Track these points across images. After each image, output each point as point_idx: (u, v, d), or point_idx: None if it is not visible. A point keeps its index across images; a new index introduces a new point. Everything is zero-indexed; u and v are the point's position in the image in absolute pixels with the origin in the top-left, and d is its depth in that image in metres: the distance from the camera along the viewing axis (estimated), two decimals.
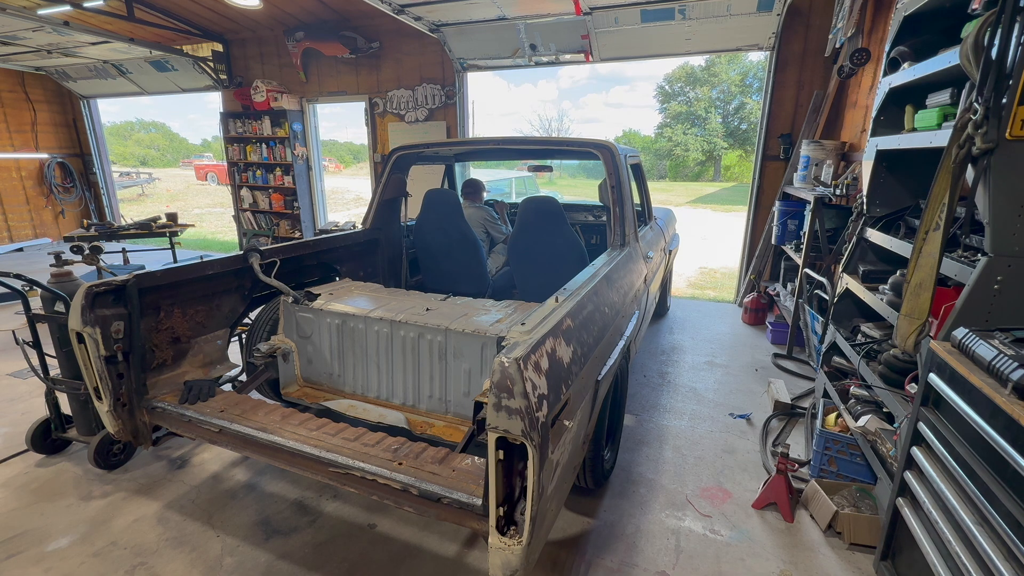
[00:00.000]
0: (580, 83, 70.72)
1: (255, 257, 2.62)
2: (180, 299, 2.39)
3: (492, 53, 5.96)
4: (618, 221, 2.89)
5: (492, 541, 1.46)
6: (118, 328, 2.09)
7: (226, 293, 2.61)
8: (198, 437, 2.12)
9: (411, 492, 1.68)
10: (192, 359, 2.46)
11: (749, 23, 4.90)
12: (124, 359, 2.12)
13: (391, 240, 3.75)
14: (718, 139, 31.30)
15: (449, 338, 2.33)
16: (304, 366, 2.73)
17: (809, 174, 4.37)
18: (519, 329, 1.57)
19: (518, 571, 1.46)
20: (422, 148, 3.54)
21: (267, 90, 7.02)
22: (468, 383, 2.35)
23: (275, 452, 1.95)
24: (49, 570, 2.02)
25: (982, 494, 1.37)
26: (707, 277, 7.81)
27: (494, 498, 1.43)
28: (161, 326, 2.32)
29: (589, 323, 1.91)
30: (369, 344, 2.53)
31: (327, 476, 1.85)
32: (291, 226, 7.75)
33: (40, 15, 5.55)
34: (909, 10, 2.37)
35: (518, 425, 1.33)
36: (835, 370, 2.92)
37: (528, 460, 1.37)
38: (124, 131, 41.10)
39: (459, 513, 1.63)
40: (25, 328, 4.56)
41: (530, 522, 1.42)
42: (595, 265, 2.44)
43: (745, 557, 2.10)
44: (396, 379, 2.52)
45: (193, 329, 2.46)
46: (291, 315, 2.70)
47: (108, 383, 2.07)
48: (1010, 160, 1.63)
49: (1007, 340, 1.43)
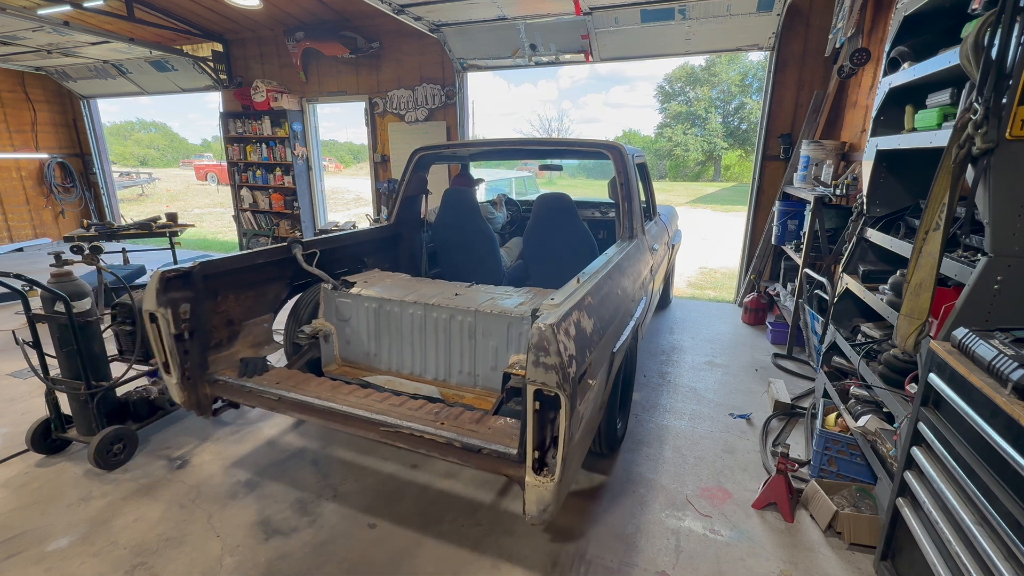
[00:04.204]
0: (580, 83, 70.77)
1: (298, 248, 2.87)
2: (234, 285, 2.61)
3: (492, 53, 5.96)
4: (626, 215, 3.11)
5: (528, 480, 1.73)
6: (185, 309, 2.33)
7: (271, 281, 2.84)
8: (259, 405, 2.34)
9: (454, 445, 1.92)
10: (243, 340, 2.70)
11: (749, 23, 4.90)
12: (189, 337, 2.36)
13: (412, 235, 3.95)
14: (718, 139, 31.28)
15: (478, 319, 2.57)
16: (343, 347, 2.98)
17: (809, 174, 4.37)
18: (550, 302, 1.83)
19: (549, 506, 1.72)
20: (442, 148, 3.73)
21: (267, 90, 7.02)
22: (495, 358, 2.59)
23: (331, 416, 2.17)
24: (49, 570, 2.02)
25: (982, 494, 1.37)
26: (707, 277, 7.81)
27: (531, 442, 1.70)
28: (218, 309, 2.55)
29: (606, 302, 2.15)
30: (404, 325, 2.78)
31: (378, 435, 2.05)
32: (291, 226, 7.75)
33: (40, 15, 5.55)
34: (909, 10, 2.37)
35: (553, 378, 1.58)
36: (835, 370, 2.91)
37: (560, 409, 1.62)
38: (124, 131, 41.09)
39: (496, 462, 1.86)
40: (25, 328, 4.56)
41: (561, 462, 1.68)
42: (607, 254, 2.66)
43: (745, 557, 2.10)
44: (429, 356, 2.77)
45: (244, 313, 2.69)
46: (331, 300, 2.95)
47: (176, 358, 2.33)
48: (1010, 160, 1.63)
49: (1007, 340, 1.43)
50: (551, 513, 1.77)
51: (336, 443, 2.91)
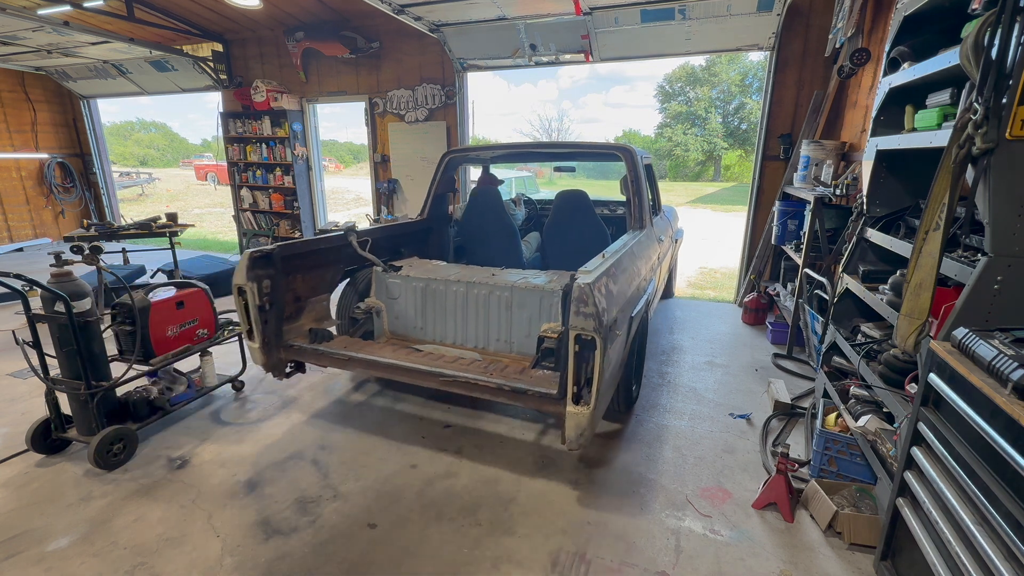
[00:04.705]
0: (580, 83, 70.77)
1: (353, 235, 3.31)
2: (302, 267, 3.03)
3: (492, 53, 5.96)
4: (636, 208, 3.51)
5: (569, 410, 2.15)
6: (266, 285, 2.75)
7: (330, 264, 3.26)
8: (330, 365, 2.83)
9: (504, 389, 2.37)
10: (307, 314, 3.14)
11: (749, 23, 4.89)
12: (269, 309, 2.78)
13: (441, 229, 4.35)
14: (718, 139, 31.27)
15: (515, 293, 3.00)
16: (391, 321, 3.42)
17: (809, 174, 4.37)
18: (585, 270, 2.26)
19: (585, 431, 2.16)
20: (468, 151, 4.31)
21: (267, 90, 7.02)
22: (529, 327, 3.00)
23: (396, 370, 2.63)
24: (49, 570, 2.02)
25: (982, 494, 1.37)
26: (707, 277, 7.80)
27: (571, 378, 2.12)
28: (289, 287, 2.95)
29: (625, 274, 2.59)
30: (448, 301, 3.19)
31: (439, 383, 2.52)
32: (291, 226, 7.75)
33: (40, 15, 5.55)
34: (909, 10, 2.37)
35: (591, 324, 2.02)
36: (835, 370, 2.91)
37: (596, 349, 2.05)
38: (124, 131, 41.09)
39: (539, 400, 2.31)
40: (25, 328, 4.56)
41: (595, 393, 2.12)
42: (622, 240, 3.05)
43: (745, 557, 2.10)
44: (469, 327, 3.18)
45: (309, 291, 3.12)
46: (382, 281, 3.38)
47: (259, 326, 2.76)
48: (1010, 160, 1.62)
49: (1007, 340, 1.43)
50: (586, 438, 2.19)
51: (336, 443, 2.91)
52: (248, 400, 3.44)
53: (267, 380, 3.73)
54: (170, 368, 3.23)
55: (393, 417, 3.21)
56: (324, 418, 3.19)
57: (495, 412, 3.26)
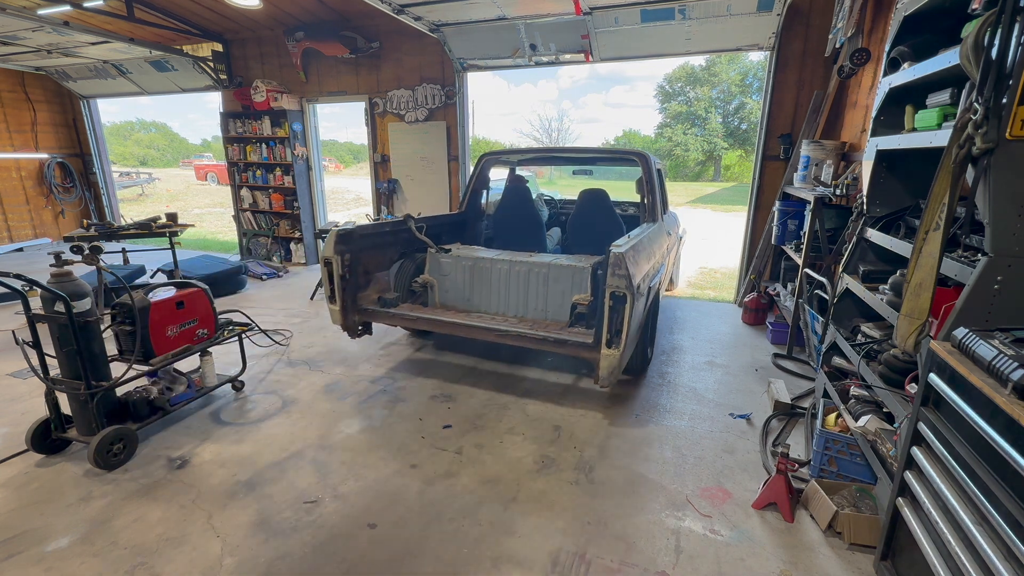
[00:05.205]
0: (580, 83, 70.83)
1: (411, 221, 4.01)
2: (372, 246, 3.72)
3: (492, 53, 5.96)
4: (650, 204, 4.14)
5: (603, 352, 2.83)
6: (347, 258, 3.44)
7: (391, 245, 3.94)
8: (399, 324, 3.58)
9: (548, 339, 3.10)
10: (373, 287, 3.80)
11: (749, 23, 4.89)
12: (348, 278, 3.48)
13: (475, 221, 5.01)
14: (718, 139, 31.29)
15: (551, 270, 3.51)
16: (442, 294, 3.91)
17: (809, 174, 4.37)
18: (617, 243, 2.88)
19: (615, 371, 2.85)
20: (501, 154, 4.95)
21: (267, 90, 7.01)
22: (562, 298, 3.50)
23: (456, 327, 3.38)
24: (49, 570, 2.02)
25: (982, 494, 1.37)
26: (707, 277, 7.80)
27: (606, 326, 2.79)
28: (361, 262, 3.63)
29: (645, 252, 3.22)
30: (492, 277, 3.71)
31: (493, 337, 3.24)
32: (291, 226, 7.75)
33: (40, 15, 5.55)
34: (909, 10, 2.37)
35: (623, 283, 2.70)
36: (835, 370, 2.91)
37: (626, 303, 2.72)
38: (124, 131, 41.11)
39: (577, 347, 3.00)
40: (25, 328, 4.56)
41: (625, 338, 2.78)
42: (640, 228, 3.67)
43: (745, 557, 2.10)
44: (511, 299, 3.69)
45: (375, 266, 3.81)
46: (435, 260, 3.89)
47: (340, 292, 3.44)
48: (1010, 160, 1.62)
49: (1007, 340, 1.43)
50: (615, 376, 2.88)
51: (336, 443, 2.91)
52: (248, 400, 3.44)
53: (267, 380, 3.74)
54: (170, 368, 3.23)
55: (393, 417, 3.21)
56: (324, 418, 3.19)
57: (495, 414, 3.27)
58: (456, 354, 4.25)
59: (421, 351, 4.32)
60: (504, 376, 3.83)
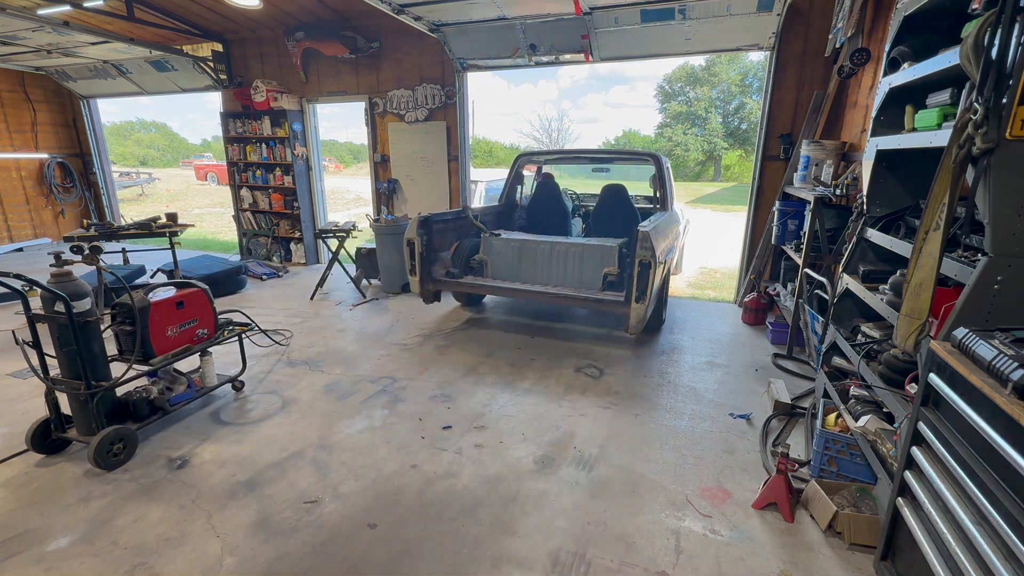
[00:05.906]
0: (580, 83, 70.84)
1: (469, 211, 4.97)
2: (440, 230, 4.63)
3: (492, 53, 5.96)
4: (662, 196, 5.20)
5: (633, 306, 3.64)
6: (424, 240, 4.35)
7: (451, 231, 4.83)
8: (466, 290, 4.63)
9: (589, 299, 4.01)
10: (439, 264, 4.63)
11: (749, 23, 4.89)
12: (425, 255, 4.37)
13: (511, 213, 5.96)
14: (718, 139, 31.28)
15: (585, 249, 4.32)
16: (494, 270, 4.71)
17: (809, 174, 4.37)
18: (643, 224, 3.80)
19: (642, 321, 3.68)
20: (533, 155, 6.00)
21: (267, 90, 7.01)
22: (594, 272, 4.28)
23: (514, 292, 4.33)
24: (49, 570, 2.02)
25: (982, 494, 1.37)
26: (707, 277, 7.80)
27: (635, 285, 3.59)
28: (433, 242, 4.51)
29: (662, 232, 3.98)
30: (536, 255, 4.50)
31: (544, 299, 4.19)
32: (291, 226, 7.75)
33: (40, 15, 5.55)
34: (909, 10, 2.37)
35: (649, 253, 3.51)
36: (835, 370, 2.91)
37: (651, 268, 3.53)
38: (124, 131, 41.10)
39: (611, 304, 3.91)
40: (25, 328, 4.56)
41: (650, 295, 3.60)
42: (655, 215, 4.59)
43: (745, 557, 2.10)
44: (551, 272, 4.46)
45: (441, 247, 4.69)
46: (488, 242, 4.72)
47: (420, 266, 4.35)
48: (1010, 160, 1.62)
49: (1007, 340, 1.43)
50: (641, 326, 3.71)
51: (336, 443, 2.91)
52: (248, 400, 3.44)
53: (267, 380, 3.74)
54: (170, 368, 3.23)
55: (393, 417, 3.21)
56: (324, 418, 3.19)
57: (495, 414, 3.27)
58: (456, 353, 4.26)
59: (421, 351, 4.33)
60: (504, 376, 3.84)
